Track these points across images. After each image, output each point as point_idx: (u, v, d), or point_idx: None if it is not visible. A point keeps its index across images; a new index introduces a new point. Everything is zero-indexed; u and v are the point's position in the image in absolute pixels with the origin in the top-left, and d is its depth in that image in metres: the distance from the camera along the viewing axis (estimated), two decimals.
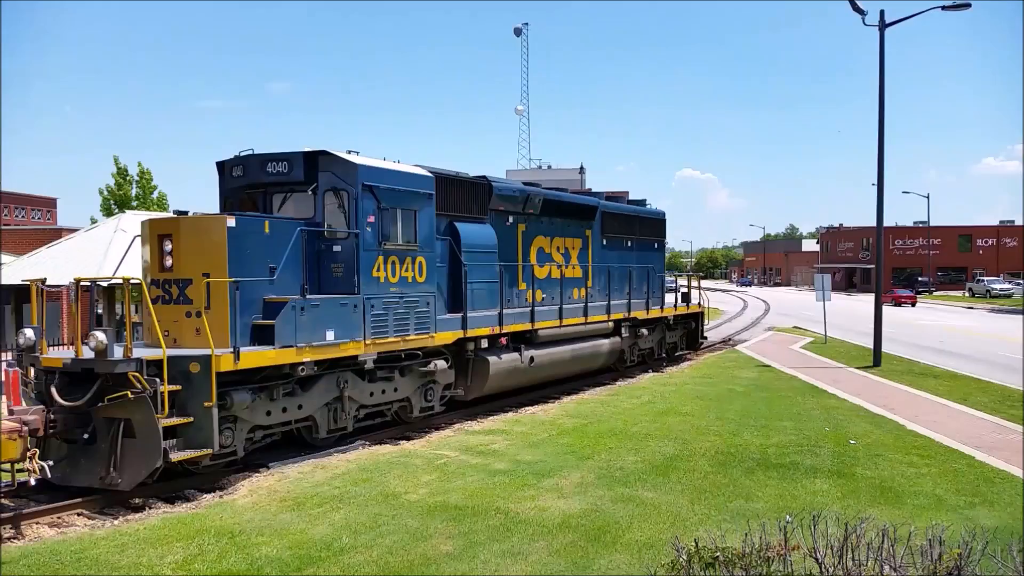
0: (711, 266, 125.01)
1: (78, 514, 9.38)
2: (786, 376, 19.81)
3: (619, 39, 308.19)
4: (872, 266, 33.63)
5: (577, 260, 18.43)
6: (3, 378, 12.41)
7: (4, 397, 11.72)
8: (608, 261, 19.64)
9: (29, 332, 10.31)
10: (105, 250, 19.57)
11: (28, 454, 8.94)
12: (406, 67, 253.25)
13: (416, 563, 7.26)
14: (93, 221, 33.22)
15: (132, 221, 21.71)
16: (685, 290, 25.17)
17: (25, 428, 8.97)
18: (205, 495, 9.99)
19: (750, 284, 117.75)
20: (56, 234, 31.60)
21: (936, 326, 38.29)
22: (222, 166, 13.10)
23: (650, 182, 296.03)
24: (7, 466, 9.02)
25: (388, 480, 10.21)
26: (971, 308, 55.15)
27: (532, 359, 16.06)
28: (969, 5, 21.45)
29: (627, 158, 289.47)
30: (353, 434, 12.71)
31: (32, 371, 10.36)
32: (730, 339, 30.94)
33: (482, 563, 7.23)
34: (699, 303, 25.03)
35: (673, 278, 27.19)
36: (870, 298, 25.17)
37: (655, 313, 21.81)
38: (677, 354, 24.16)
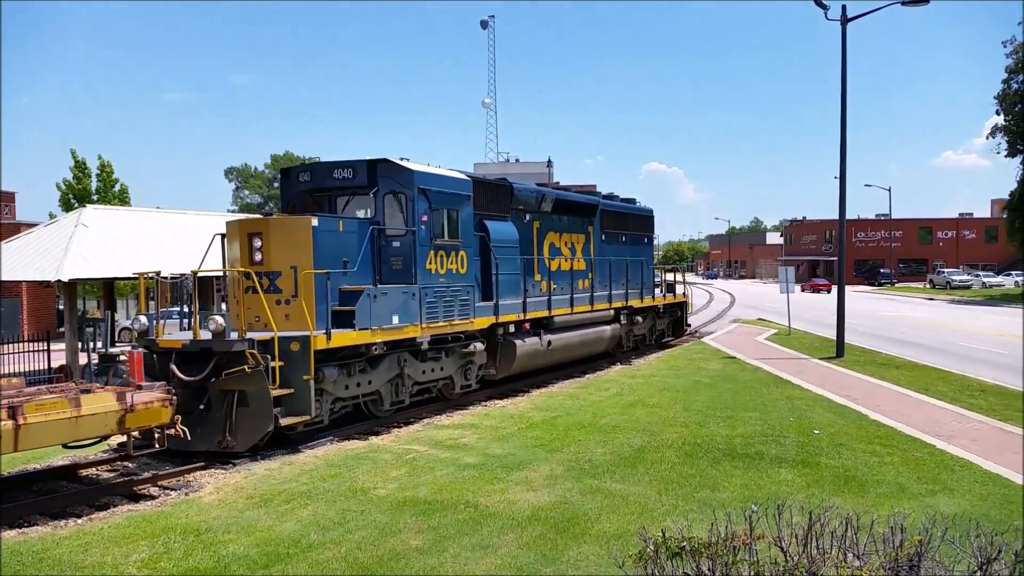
0: (677, 259, 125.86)
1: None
2: (751, 367, 20.03)
3: (586, 33, 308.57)
4: (835, 258, 34.19)
5: (581, 254, 20.10)
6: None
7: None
8: (607, 255, 21.40)
9: (143, 319, 12.10)
10: (66, 245, 19.20)
11: (174, 419, 10.13)
12: (371, 58, 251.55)
13: (385, 558, 7.25)
14: (52, 216, 32.59)
15: (93, 215, 21.31)
16: (670, 282, 27.31)
17: (173, 397, 10.21)
18: (171, 493, 9.89)
19: (715, 277, 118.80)
20: (15, 229, 30.96)
21: (898, 317, 38.95)
22: (288, 172, 14.95)
23: (617, 176, 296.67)
24: (128, 431, 10.00)
25: (357, 475, 10.17)
26: (931, 299, 56.11)
27: (550, 343, 17.84)
28: (927, 1, 21.80)
29: (594, 152, 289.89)
30: (408, 407, 14.41)
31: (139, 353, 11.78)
32: (696, 331, 31.16)
33: (451, 557, 7.24)
34: (684, 293, 27.49)
35: (659, 271, 28.71)
36: (833, 290, 25.64)
37: (648, 302, 23.86)
38: (664, 340, 25.96)
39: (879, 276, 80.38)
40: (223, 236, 13.21)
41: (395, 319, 13.16)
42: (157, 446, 10.18)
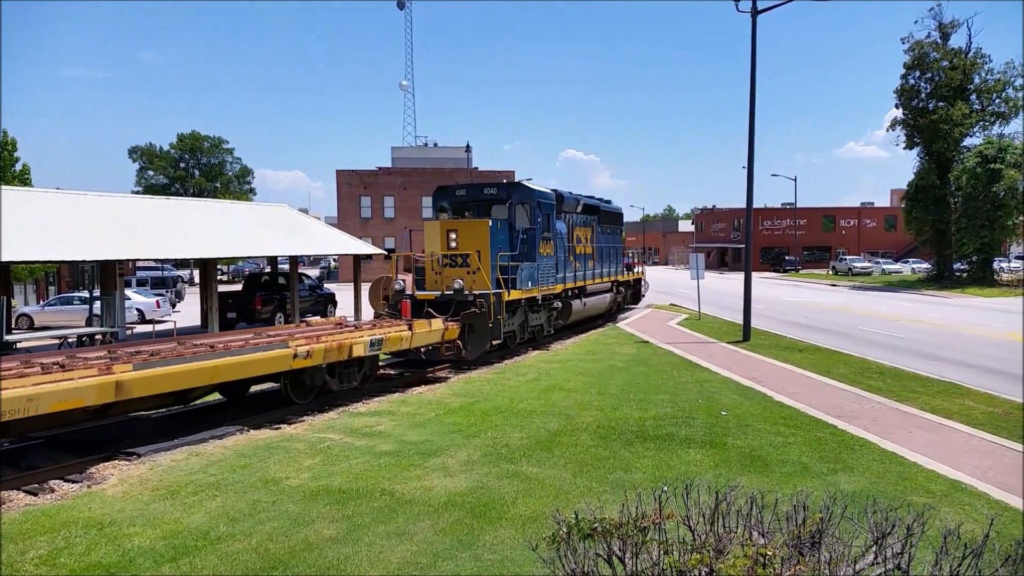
0: None
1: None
2: (663, 351, 20.46)
3: (505, 17, 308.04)
4: (743, 245, 35.11)
5: (590, 242, 27.09)
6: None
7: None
8: (602, 242, 28.68)
9: (402, 280, 19.64)
10: None
11: (459, 337, 17.32)
12: (283, 35, 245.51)
13: (298, 549, 7.13)
14: None
15: None
16: (628, 262, 34.68)
17: (461, 323, 17.74)
18: (72, 485, 9.50)
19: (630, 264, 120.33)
20: None
21: (802, 302, 40.32)
22: (445, 188, 22.42)
23: (536, 162, 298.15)
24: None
25: (268, 466, 9.97)
26: (834, 285, 58.22)
27: (585, 303, 25.68)
28: None
29: (513, 137, 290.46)
30: (526, 342, 22.04)
31: (385, 303, 19.98)
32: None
33: (366, 545, 7.17)
34: (642, 271, 36.46)
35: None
36: (741, 276, 26.42)
37: (626, 277, 32.64)
38: (627, 306, 33.80)
39: (784, 263, 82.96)
40: (411, 231, 22.00)
41: (528, 284, 20.61)
42: (456, 351, 17.36)
